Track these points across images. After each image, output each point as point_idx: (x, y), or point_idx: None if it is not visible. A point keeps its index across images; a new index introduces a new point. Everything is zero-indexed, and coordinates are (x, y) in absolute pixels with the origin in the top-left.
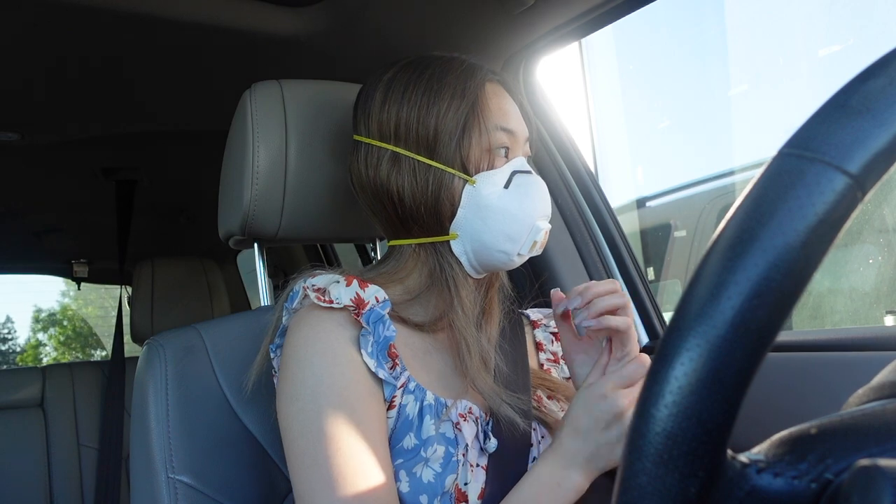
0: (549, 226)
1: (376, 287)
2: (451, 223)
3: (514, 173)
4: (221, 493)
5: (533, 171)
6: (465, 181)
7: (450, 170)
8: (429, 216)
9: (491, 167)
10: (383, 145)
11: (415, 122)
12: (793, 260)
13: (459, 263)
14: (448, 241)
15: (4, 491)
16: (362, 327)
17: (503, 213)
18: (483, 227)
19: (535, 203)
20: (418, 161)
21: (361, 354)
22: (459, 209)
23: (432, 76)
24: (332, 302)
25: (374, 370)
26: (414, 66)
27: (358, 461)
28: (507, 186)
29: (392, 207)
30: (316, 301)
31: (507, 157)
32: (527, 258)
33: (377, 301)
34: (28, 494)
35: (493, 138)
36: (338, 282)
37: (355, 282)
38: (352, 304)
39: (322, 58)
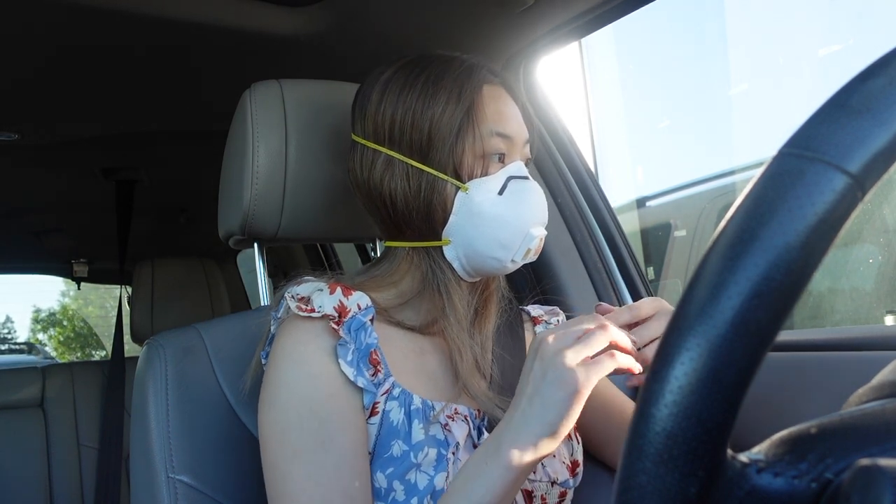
0: (545, 232)
1: (360, 293)
2: (443, 229)
3: (509, 179)
4: (221, 493)
5: (530, 177)
6: (458, 188)
7: (442, 176)
8: (421, 221)
9: (485, 173)
10: (378, 147)
11: (409, 126)
12: (793, 260)
13: (452, 268)
14: (441, 247)
15: (4, 491)
16: (341, 336)
17: (496, 221)
18: (475, 234)
19: (530, 210)
20: (411, 165)
21: (339, 364)
22: (452, 215)
23: (429, 77)
24: (312, 311)
25: (352, 379)
26: (412, 66)
27: (321, 475)
28: (501, 193)
29: (385, 210)
30: (296, 311)
31: (503, 161)
32: (521, 264)
33: (359, 308)
34: (28, 494)
35: (487, 144)
36: (321, 290)
37: (339, 289)
38: (333, 313)
39: (322, 58)
